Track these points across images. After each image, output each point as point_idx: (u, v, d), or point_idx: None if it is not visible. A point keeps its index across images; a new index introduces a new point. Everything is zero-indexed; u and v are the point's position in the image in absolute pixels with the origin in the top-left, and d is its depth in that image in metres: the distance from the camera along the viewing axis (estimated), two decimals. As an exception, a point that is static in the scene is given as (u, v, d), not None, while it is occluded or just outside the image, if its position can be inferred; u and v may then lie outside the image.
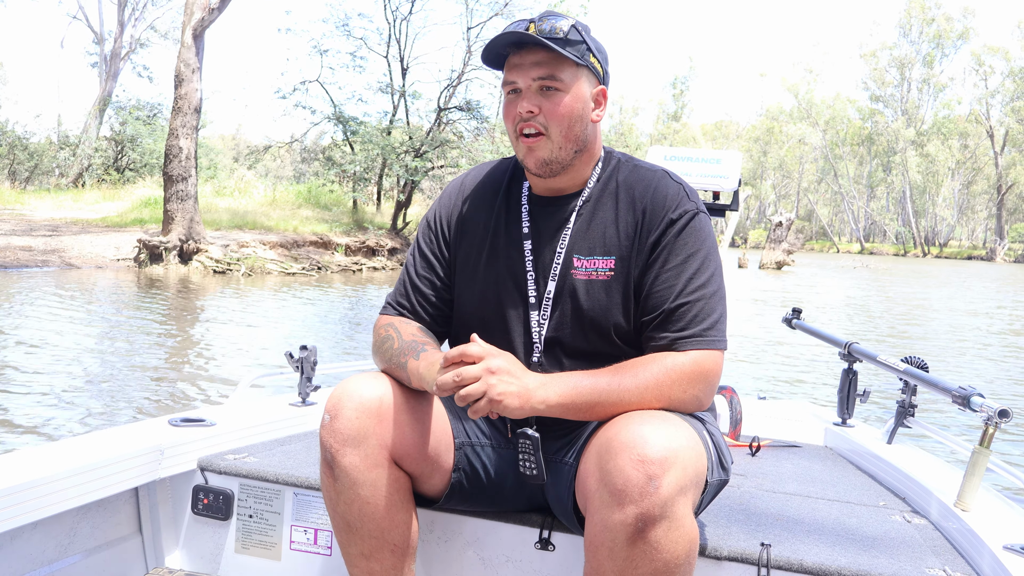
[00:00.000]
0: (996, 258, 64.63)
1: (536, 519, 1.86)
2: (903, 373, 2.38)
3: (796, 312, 3.14)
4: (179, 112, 18.04)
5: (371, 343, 1.80)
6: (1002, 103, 74.20)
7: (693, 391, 1.58)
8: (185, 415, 2.30)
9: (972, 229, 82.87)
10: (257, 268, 18.24)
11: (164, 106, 30.82)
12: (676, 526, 1.40)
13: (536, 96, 1.64)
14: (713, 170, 2.82)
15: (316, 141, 31.61)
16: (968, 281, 30.26)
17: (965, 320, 15.27)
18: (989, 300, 21.06)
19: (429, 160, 23.89)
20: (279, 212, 23.03)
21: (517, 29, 1.62)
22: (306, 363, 2.58)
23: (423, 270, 1.82)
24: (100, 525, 2.03)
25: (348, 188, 25.53)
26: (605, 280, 1.69)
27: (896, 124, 76.09)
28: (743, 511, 2.03)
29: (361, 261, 21.55)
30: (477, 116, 25.22)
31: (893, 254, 71.82)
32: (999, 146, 72.86)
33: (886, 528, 1.96)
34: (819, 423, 2.97)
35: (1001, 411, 1.85)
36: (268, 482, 2.09)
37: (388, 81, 26.20)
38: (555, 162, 1.67)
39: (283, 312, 11.78)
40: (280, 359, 7.67)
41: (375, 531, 1.65)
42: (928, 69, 76.74)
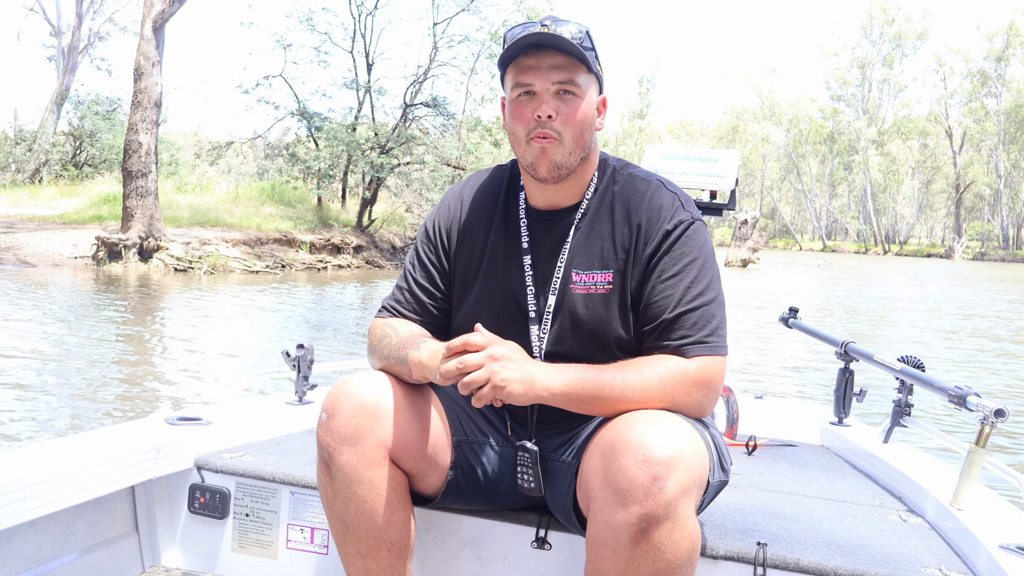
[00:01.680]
0: (954, 256, 65.73)
1: (533, 518, 1.86)
2: (899, 372, 2.38)
3: (793, 311, 3.16)
4: (139, 106, 17.69)
5: (366, 344, 1.79)
6: (960, 103, 75.49)
7: (697, 395, 1.58)
8: (181, 414, 2.29)
9: (931, 227, 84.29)
10: (219, 266, 17.94)
11: (124, 101, 30.24)
12: (679, 527, 1.41)
13: (553, 100, 1.63)
14: (710, 169, 2.80)
15: (280, 137, 31.22)
16: (932, 280, 30.69)
17: (946, 322, 15.41)
18: (969, 300, 21.33)
19: (395, 157, 23.67)
20: (242, 209, 22.68)
21: (530, 31, 1.60)
22: (303, 362, 2.58)
23: (422, 279, 1.82)
24: (96, 524, 2.02)
25: (313, 185, 25.24)
26: (604, 294, 1.69)
27: (857, 123, 77.10)
28: (739, 510, 2.03)
29: (326, 259, 21.31)
30: (444, 112, 25.05)
31: (854, 252, 72.79)
32: (957, 146, 74.12)
33: (882, 527, 1.96)
34: (815, 422, 2.97)
35: (997, 410, 1.85)
36: (265, 481, 2.09)
37: (353, 77, 25.92)
38: (564, 167, 1.66)
39: (247, 311, 11.56)
40: (245, 361, 7.62)
41: (372, 530, 1.65)
42: (888, 69, 77.86)
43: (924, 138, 76.96)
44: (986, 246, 71.78)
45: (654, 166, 2.82)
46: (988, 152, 72.17)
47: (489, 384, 1.50)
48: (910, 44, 77.05)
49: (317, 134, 25.13)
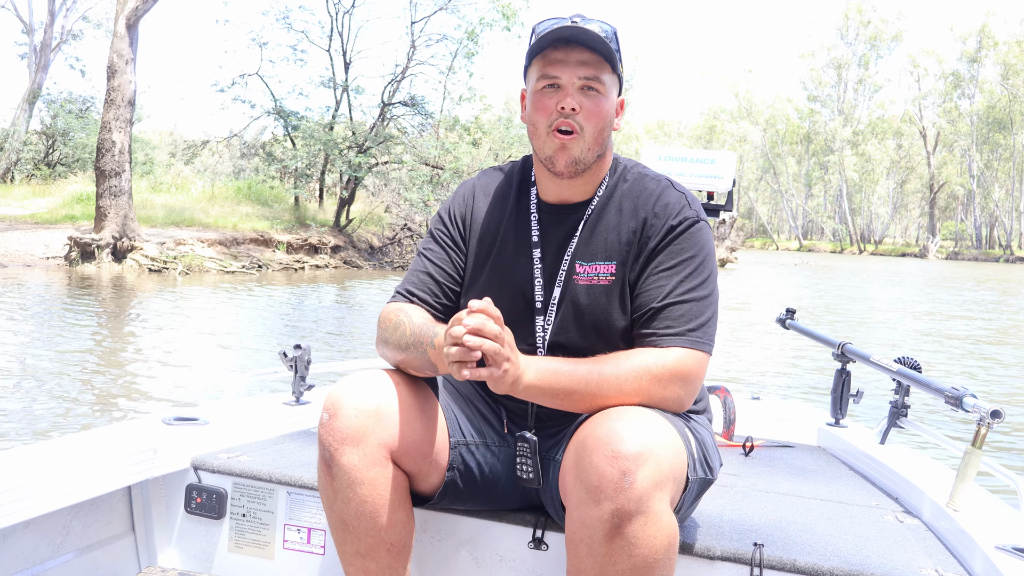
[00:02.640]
0: (929, 255, 66.39)
1: (529, 518, 1.87)
2: (896, 374, 2.39)
3: (790, 312, 3.18)
4: (112, 105, 17.46)
5: (376, 332, 1.79)
6: (934, 104, 76.28)
7: (673, 389, 1.58)
8: (178, 414, 2.30)
9: (905, 227, 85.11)
10: (195, 266, 17.74)
11: (97, 99, 29.87)
12: (652, 521, 1.41)
13: (578, 94, 1.64)
14: (708, 170, 2.82)
15: (256, 136, 30.97)
16: (911, 279, 30.94)
17: (927, 324, 15.51)
18: (947, 300, 21.49)
19: (373, 156, 23.54)
20: (218, 209, 22.46)
21: (561, 24, 1.62)
22: (300, 362, 2.57)
23: (439, 261, 1.82)
24: (93, 524, 2.02)
25: (289, 184, 25.05)
26: (607, 285, 1.71)
27: (833, 124, 77.67)
28: (736, 511, 2.03)
29: (303, 259, 21.14)
30: (422, 112, 24.94)
31: (830, 251, 73.34)
32: (931, 146, 74.86)
33: (879, 528, 1.97)
34: (812, 423, 2.97)
35: (993, 411, 1.86)
36: (262, 481, 2.09)
37: (330, 75, 25.77)
38: (582, 162, 1.68)
39: (224, 312, 11.41)
40: (223, 362, 7.51)
41: (372, 530, 1.65)
42: (864, 70, 78.49)
43: (899, 138, 77.68)
44: (959, 245, 72.56)
45: (652, 167, 2.82)
46: (961, 153, 72.97)
47: (493, 364, 1.47)
48: (885, 45, 77.75)
49: (294, 133, 24.95)
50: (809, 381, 7.95)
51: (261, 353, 8.17)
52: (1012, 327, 14.57)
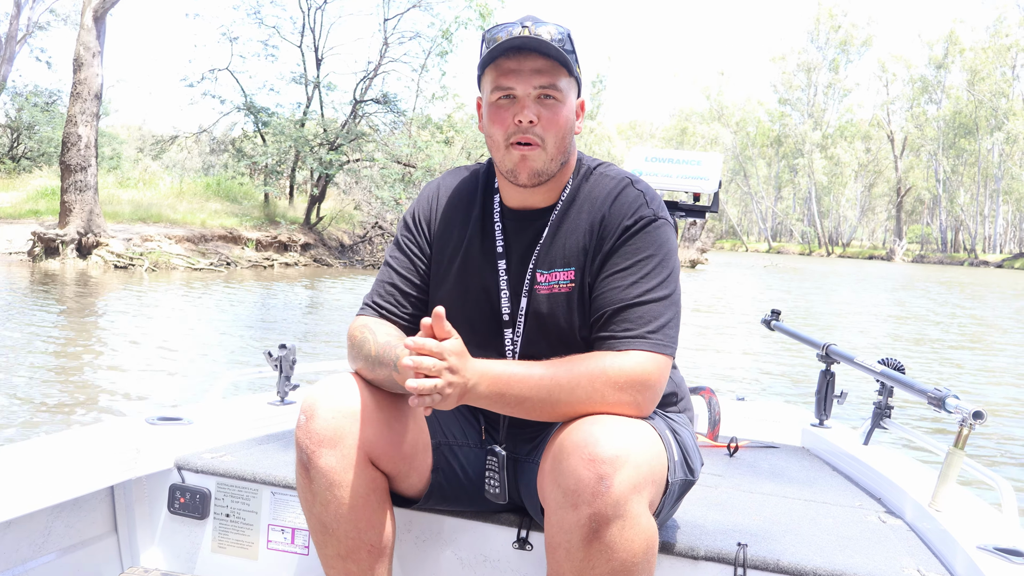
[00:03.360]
0: (895, 258, 67.20)
1: (514, 519, 1.86)
2: (879, 375, 2.40)
3: (775, 313, 3.19)
4: (78, 98, 17.18)
5: (347, 345, 1.75)
6: (902, 109, 77.28)
7: (631, 394, 1.51)
8: (162, 413, 2.28)
9: (872, 230, 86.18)
10: (162, 263, 17.51)
11: (63, 92, 29.39)
12: (630, 525, 1.40)
13: (535, 105, 1.59)
14: (694, 171, 2.80)
15: (226, 132, 30.64)
16: (880, 282, 31.27)
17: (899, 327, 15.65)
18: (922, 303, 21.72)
19: (344, 154, 23.37)
20: (186, 205, 22.18)
21: (510, 32, 1.57)
22: (285, 362, 2.55)
23: (404, 269, 1.78)
24: (75, 524, 2.00)
25: (259, 181, 24.81)
26: (567, 292, 1.67)
27: (803, 127, 78.41)
28: (720, 511, 2.03)
29: (273, 257, 20.94)
30: (394, 110, 24.81)
31: (799, 253, 74.06)
32: (899, 150, 75.83)
33: (861, 528, 1.97)
34: (796, 424, 2.98)
35: (976, 412, 1.86)
36: (246, 481, 2.07)
37: (302, 71, 25.56)
38: (545, 173, 1.64)
39: (191, 310, 11.25)
40: (190, 363, 7.39)
41: (352, 532, 1.63)
42: (833, 74, 79.30)
43: (867, 142, 78.58)
44: (925, 248, 73.62)
45: (638, 168, 2.83)
46: (928, 157, 74.01)
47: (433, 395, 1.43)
48: (855, 50, 78.64)
49: (264, 129, 24.71)
50: (775, 382, 7.97)
51: (231, 353, 8.05)
52: (981, 332, 14.75)
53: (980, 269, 55.84)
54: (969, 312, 18.53)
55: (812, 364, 2.91)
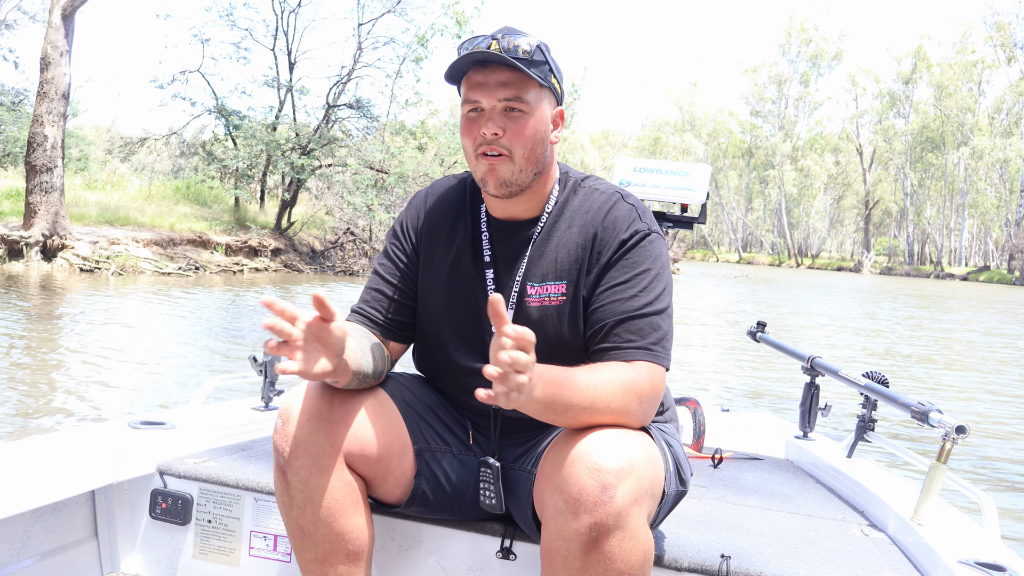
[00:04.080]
0: (863, 269, 67.99)
1: (497, 528, 1.85)
2: (864, 388, 2.42)
3: (761, 325, 3.22)
4: (45, 98, 16.88)
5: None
6: (871, 123, 78.29)
7: (638, 403, 1.53)
8: (145, 418, 2.27)
9: (841, 241, 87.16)
10: (129, 267, 17.24)
11: (30, 92, 28.89)
12: (630, 536, 1.41)
13: (501, 117, 1.61)
14: (682, 183, 2.81)
15: (196, 135, 30.31)
16: (851, 294, 31.57)
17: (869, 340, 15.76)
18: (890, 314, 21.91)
19: (316, 158, 23.19)
20: (155, 208, 21.88)
21: (479, 46, 1.59)
22: (269, 367, 2.54)
23: (392, 277, 1.80)
24: (55, 528, 1.98)
25: (230, 185, 24.54)
26: (558, 305, 1.68)
27: (774, 139, 79.18)
28: (704, 522, 2.04)
29: (243, 261, 20.71)
30: (367, 115, 24.67)
31: (769, 264, 74.70)
32: (867, 163, 76.78)
33: (844, 541, 1.98)
34: (781, 436, 2.98)
35: (959, 427, 1.88)
36: (228, 487, 2.06)
37: (274, 75, 25.35)
38: (515, 184, 1.65)
39: (158, 315, 11.05)
40: (156, 368, 7.24)
41: (329, 536, 1.64)
42: (804, 87, 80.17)
43: (836, 155, 79.50)
44: (893, 261, 74.54)
45: (626, 178, 2.84)
46: (896, 170, 75.01)
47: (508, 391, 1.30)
48: (826, 64, 79.56)
49: (235, 133, 24.47)
50: (750, 392, 7.97)
51: (198, 359, 7.90)
52: (955, 347, 14.89)
53: (946, 281, 56.62)
54: (941, 325, 18.73)
55: (785, 376, 2.88)
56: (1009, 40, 68.56)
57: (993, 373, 10.92)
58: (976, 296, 34.19)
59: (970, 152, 66.85)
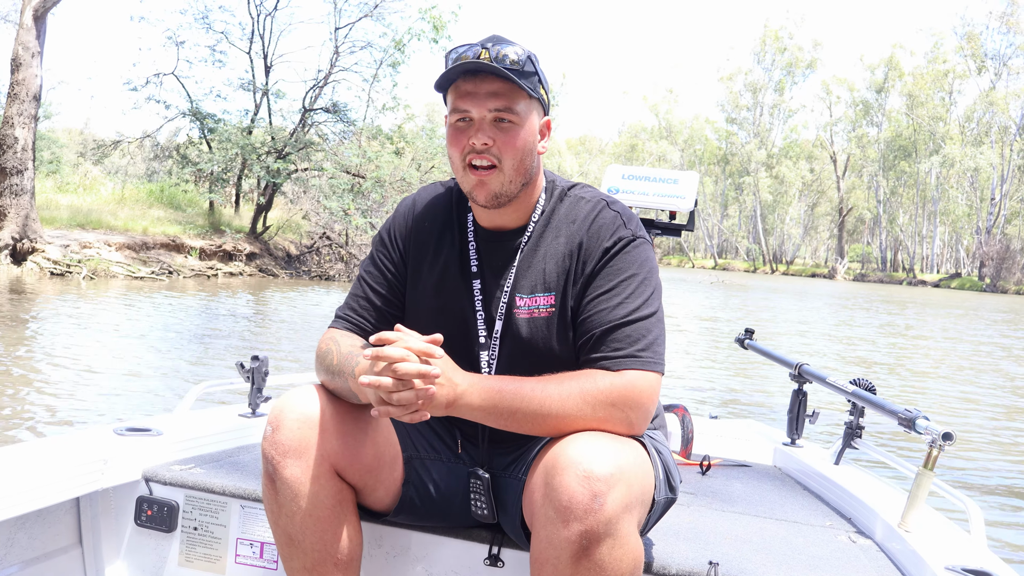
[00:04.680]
0: (837, 276, 68.50)
1: (486, 535, 1.85)
2: (851, 395, 2.42)
3: (749, 332, 3.23)
4: (15, 99, 16.66)
5: (315, 356, 1.77)
6: (845, 131, 79.02)
7: (623, 411, 1.52)
8: (130, 424, 2.25)
9: (815, 248, 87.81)
10: (101, 271, 16.99)
11: (1, 93, 28.54)
12: (620, 544, 1.41)
13: (491, 128, 1.60)
14: (670, 190, 2.81)
15: (170, 138, 29.99)
16: (828, 300, 31.79)
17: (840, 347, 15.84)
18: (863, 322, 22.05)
19: (292, 162, 23.00)
20: (127, 211, 21.62)
21: (467, 55, 1.59)
22: (257, 374, 2.52)
23: (378, 285, 1.79)
24: (39, 535, 1.98)
25: (204, 189, 24.30)
26: (547, 317, 1.68)
27: (749, 146, 79.70)
28: (692, 529, 2.04)
29: (217, 266, 20.50)
30: (344, 119, 24.53)
31: (744, 270, 75.09)
32: (841, 171, 77.46)
33: (832, 548, 1.99)
34: (769, 443, 2.99)
35: (945, 434, 1.89)
36: (214, 494, 2.05)
37: (250, 78, 25.14)
38: (504, 195, 1.65)
39: (131, 319, 10.88)
40: (129, 374, 7.10)
41: (318, 544, 1.63)
42: (779, 95, 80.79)
43: (811, 162, 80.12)
44: (866, 267, 75.18)
45: (615, 185, 2.84)
46: (869, 178, 75.72)
47: (420, 400, 1.45)
48: (800, 72, 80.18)
49: (210, 136, 24.23)
50: (728, 398, 7.96)
51: (172, 364, 7.77)
52: (935, 352, 15.01)
53: (918, 288, 57.19)
54: (917, 332, 18.89)
55: (760, 384, 2.88)
56: (979, 50, 69.50)
57: (968, 384, 11.00)
58: (950, 303, 34.56)
59: (941, 160, 67.64)
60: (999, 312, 29.40)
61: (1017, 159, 65.02)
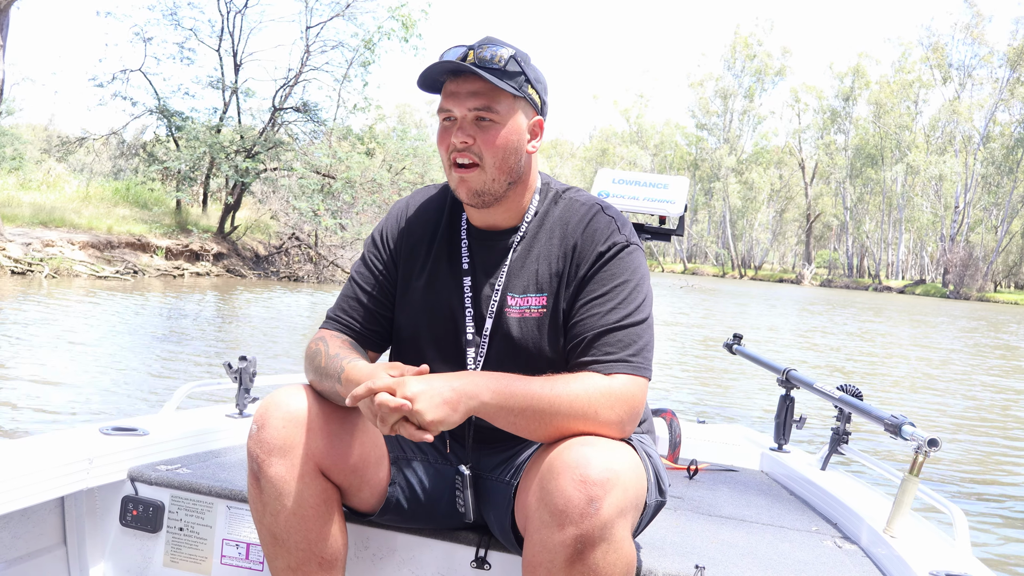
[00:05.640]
0: (804, 281, 69.23)
1: (472, 537, 1.85)
2: (838, 401, 2.43)
3: (737, 338, 3.24)
4: (-23, 93, 16.28)
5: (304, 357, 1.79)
6: (813, 138, 79.88)
7: (619, 413, 1.54)
8: (116, 423, 2.24)
9: (783, 254, 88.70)
10: (64, 270, 16.68)
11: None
12: (614, 548, 1.42)
13: (471, 127, 1.64)
14: (660, 195, 2.81)
15: (137, 136, 29.55)
16: (793, 305, 32.04)
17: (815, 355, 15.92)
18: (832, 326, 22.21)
19: (261, 162, 22.75)
20: (92, 210, 21.24)
21: (455, 56, 1.63)
22: (245, 374, 2.53)
23: (369, 286, 1.80)
24: (22, 535, 1.97)
25: (171, 187, 23.95)
26: (538, 317, 1.69)
27: (719, 152, 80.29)
28: (679, 533, 2.05)
29: (183, 266, 20.22)
30: (314, 119, 24.31)
31: (713, 275, 75.65)
32: (809, 177, 78.29)
33: (817, 553, 2.00)
34: (756, 448, 3.00)
35: (931, 440, 1.89)
36: (200, 494, 2.04)
37: (219, 76, 24.83)
38: (487, 193, 1.67)
39: (90, 320, 10.66)
40: (92, 376, 6.93)
41: (302, 543, 1.64)
42: (748, 101, 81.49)
43: (780, 169, 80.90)
44: (832, 273, 76.12)
45: (605, 189, 2.84)
46: (836, 185, 76.61)
47: (418, 423, 1.46)
48: (770, 79, 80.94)
49: (178, 134, 23.88)
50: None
51: (135, 363, 7.60)
52: (913, 360, 15.13)
53: (884, 294, 57.94)
54: (888, 340, 19.06)
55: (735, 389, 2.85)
56: (944, 60, 70.62)
57: (946, 394, 11.09)
58: (915, 309, 34.98)
59: (906, 168, 68.60)
60: (975, 320, 29.81)
61: (980, 168, 66.12)
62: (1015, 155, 65.13)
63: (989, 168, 66.43)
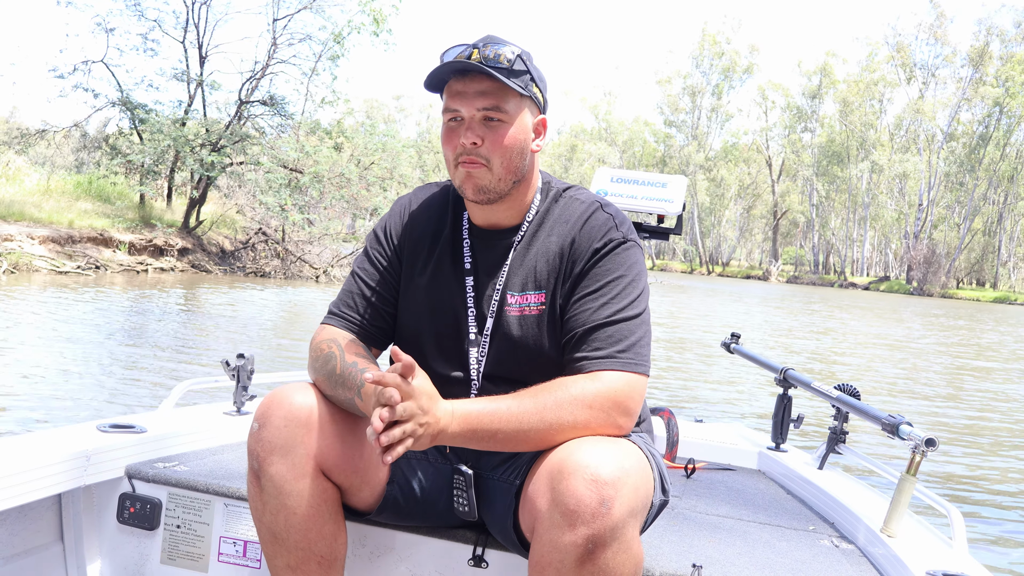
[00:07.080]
0: (771, 278, 69.85)
1: (470, 535, 1.85)
2: (835, 400, 2.45)
3: (735, 337, 3.25)
4: (-68, 83, 15.83)
5: (308, 355, 1.77)
6: (780, 135, 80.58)
7: (605, 412, 1.54)
8: (114, 420, 2.24)
9: (750, 250, 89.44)
10: (22, 265, 16.29)
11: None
12: (624, 548, 1.42)
13: (480, 127, 1.63)
14: (658, 193, 2.80)
15: (100, 129, 28.99)
16: (762, 301, 32.26)
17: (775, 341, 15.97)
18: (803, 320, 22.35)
19: (227, 156, 22.40)
20: (53, 203, 20.77)
21: (460, 55, 1.61)
22: (243, 372, 2.53)
23: (372, 281, 1.80)
24: (19, 532, 1.97)
25: (135, 181, 23.50)
26: (537, 315, 1.70)
27: (687, 149, 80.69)
28: (676, 532, 2.06)
29: (147, 261, 19.86)
30: (281, 112, 23.98)
31: (681, 271, 76.07)
32: (776, 175, 78.96)
33: (814, 552, 2.01)
34: (753, 447, 3.01)
35: (928, 440, 1.90)
36: (198, 492, 2.05)
37: (184, 68, 24.40)
38: (492, 191, 1.67)
39: (48, 317, 10.37)
40: (46, 374, 6.71)
41: (301, 542, 1.64)
42: (717, 99, 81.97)
43: (747, 166, 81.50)
44: (799, 270, 76.88)
45: (603, 188, 2.83)
46: (803, 182, 77.34)
47: (405, 440, 1.44)
48: (738, 77, 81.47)
49: (141, 127, 23.44)
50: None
51: (95, 363, 7.38)
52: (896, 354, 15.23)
53: (849, 291, 58.59)
54: (860, 339, 19.21)
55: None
56: (909, 60, 71.52)
57: (933, 399, 11.15)
58: (880, 305, 35.37)
59: (871, 166, 69.41)
60: (954, 318, 30.16)
61: (943, 166, 67.08)
62: (977, 154, 66.21)
63: (952, 166, 67.50)
